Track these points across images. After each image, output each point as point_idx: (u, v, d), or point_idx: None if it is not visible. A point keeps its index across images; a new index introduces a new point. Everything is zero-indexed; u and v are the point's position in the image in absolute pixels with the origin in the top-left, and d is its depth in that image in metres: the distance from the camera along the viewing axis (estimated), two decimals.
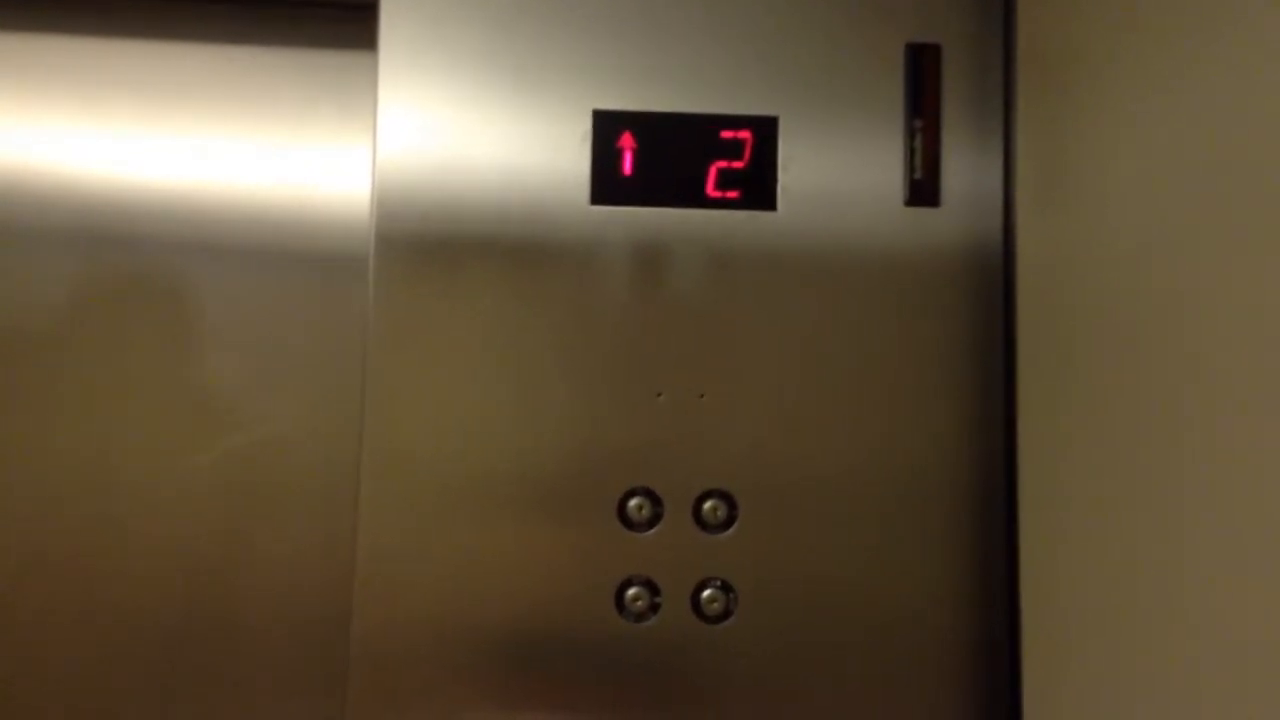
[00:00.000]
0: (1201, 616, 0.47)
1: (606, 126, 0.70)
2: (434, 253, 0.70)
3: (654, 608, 0.68)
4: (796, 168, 0.70)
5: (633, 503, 0.69)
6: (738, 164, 0.70)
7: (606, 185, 0.70)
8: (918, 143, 0.71)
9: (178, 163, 0.79)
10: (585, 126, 0.71)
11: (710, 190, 0.70)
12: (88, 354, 0.78)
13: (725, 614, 0.68)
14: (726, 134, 0.70)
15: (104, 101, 0.79)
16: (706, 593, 0.68)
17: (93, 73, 0.79)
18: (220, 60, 0.79)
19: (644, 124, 0.70)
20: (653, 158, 0.70)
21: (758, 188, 0.70)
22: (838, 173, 0.71)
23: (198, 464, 0.77)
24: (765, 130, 0.70)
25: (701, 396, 0.69)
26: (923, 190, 0.71)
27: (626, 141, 0.70)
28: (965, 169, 0.71)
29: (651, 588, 0.68)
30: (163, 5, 0.79)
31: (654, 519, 0.69)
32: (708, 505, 0.69)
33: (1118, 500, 0.55)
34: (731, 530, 0.69)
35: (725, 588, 0.68)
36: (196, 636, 0.76)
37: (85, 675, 0.76)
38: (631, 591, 0.68)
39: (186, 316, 0.78)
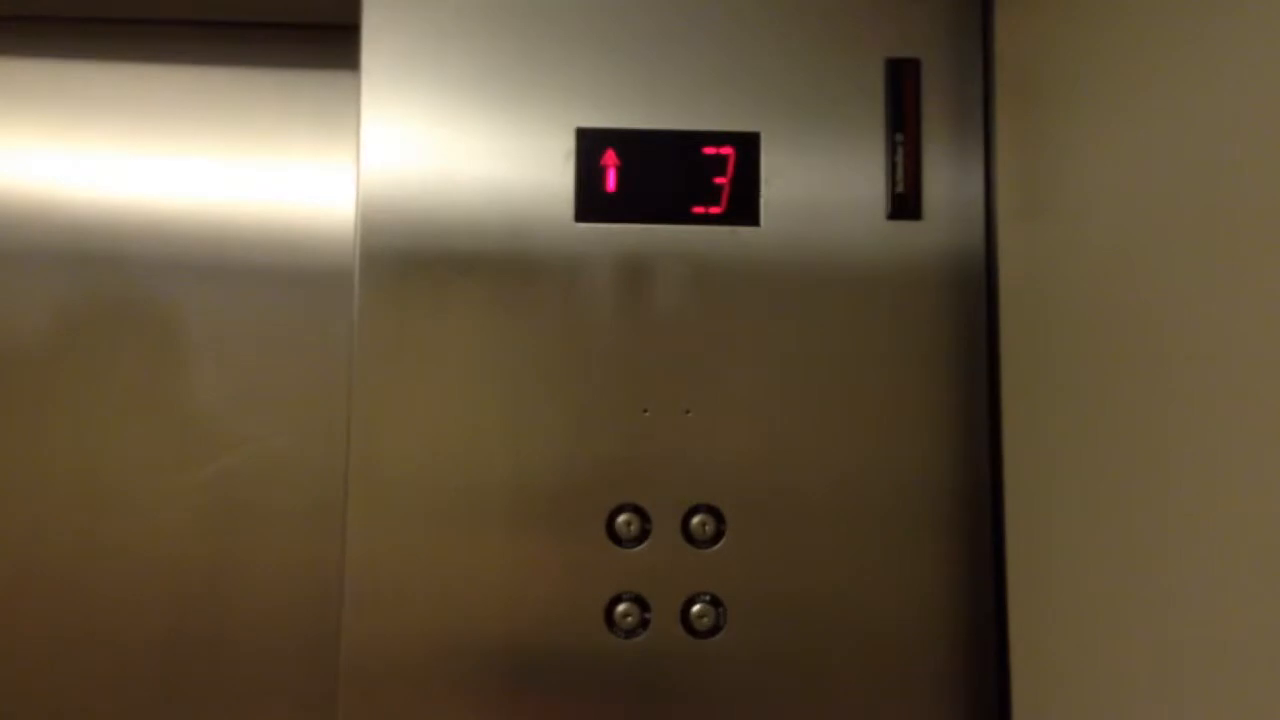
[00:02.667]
0: (1189, 622, 0.48)
1: (590, 144, 0.71)
2: (419, 270, 0.70)
3: (644, 623, 0.68)
4: (779, 183, 0.71)
5: (621, 519, 0.69)
6: (721, 180, 0.71)
7: (590, 202, 0.70)
8: (899, 156, 0.71)
9: (162, 183, 0.78)
10: (569, 144, 0.71)
11: (693, 206, 0.70)
12: (73, 374, 0.77)
13: (715, 629, 0.68)
14: (709, 150, 0.71)
15: (88, 123, 0.79)
16: (696, 608, 0.68)
17: (76, 95, 0.79)
18: (203, 81, 0.79)
19: (627, 141, 0.71)
20: (636, 174, 0.71)
21: (741, 203, 0.71)
22: (820, 187, 0.71)
23: (185, 482, 0.77)
24: (747, 146, 0.71)
25: (688, 412, 0.69)
26: (905, 203, 0.71)
27: (610, 159, 0.71)
28: (946, 182, 0.71)
29: (641, 603, 0.68)
30: (145, 27, 0.79)
31: (642, 535, 0.69)
32: (696, 520, 0.69)
33: (1103, 508, 0.55)
34: (720, 545, 0.69)
35: (714, 602, 0.68)
36: (185, 653, 0.76)
37: (74, 693, 0.75)
38: (621, 607, 0.68)
39: (172, 336, 0.78)
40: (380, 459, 0.68)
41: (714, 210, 0.70)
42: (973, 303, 0.71)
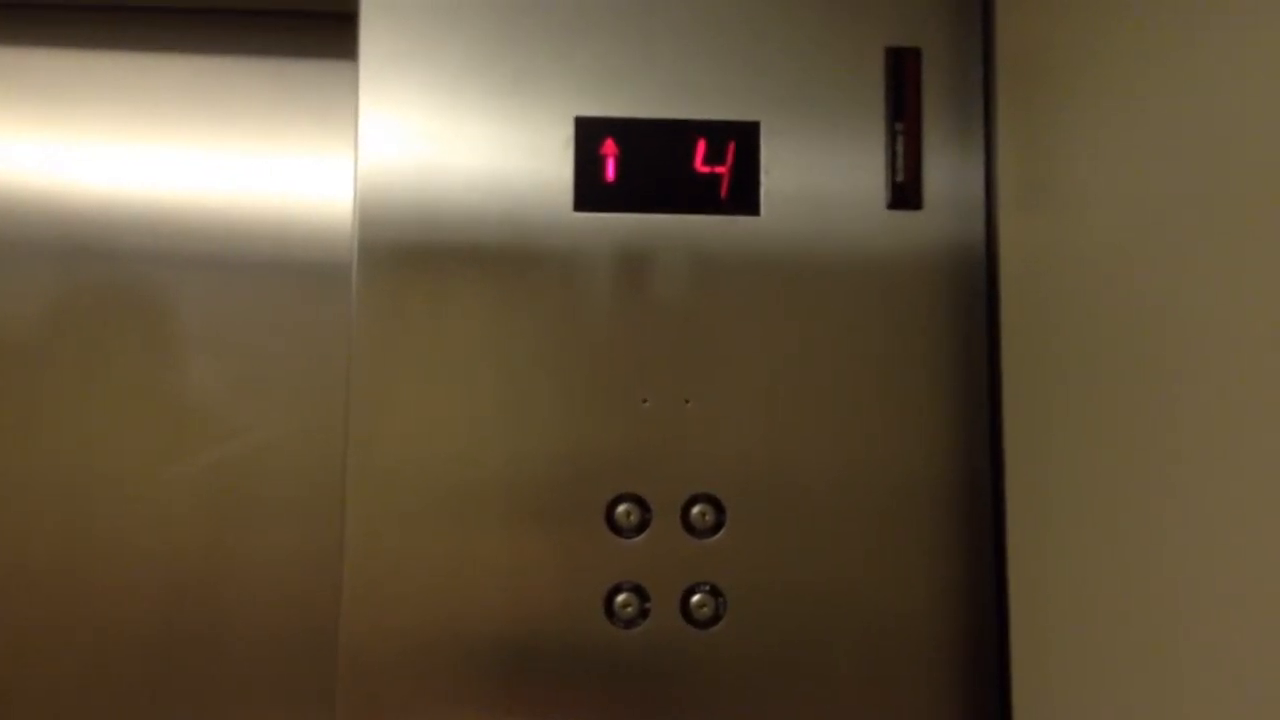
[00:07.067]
0: (1190, 620, 0.48)
1: (589, 133, 0.70)
2: (417, 261, 0.70)
3: (643, 613, 0.68)
4: (779, 172, 0.71)
5: (620, 509, 0.68)
6: (720, 169, 0.70)
7: (589, 192, 0.70)
8: (899, 146, 0.71)
9: (159, 174, 0.78)
10: (567, 133, 0.70)
11: (693, 196, 0.70)
12: (70, 366, 0.77)
13: (714, 619, 0.68)
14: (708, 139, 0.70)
15: (83, 113, 0.78)
16: (695, 598, 0.68)
17: (71, 84, 0.79)
18: (200, 70, 0.79)
19: (626, 130, 0.70)
20: (635, 164, 0.70)
21: (740, 193, 0.70)
22: (820, 177, 0.71)
23: (182, 475, 0.76)
24: (747, 135, 0.71)
25: (687, 402, 0.69)
26: (905, 193, 0.71)
27: (609, 148, 0.70)
28: (947, 172, 0.71)
29: (640, 593, 0.68)
30: (141, 16, 0.79)
31: (642, 525, 0.69)
32: (696, 510, 0.69)
33: (1105, 502, 0.55)
34: (720, 535, 0.69)
35: (714, 592, 0.68)
36: (182, 648, 0.75)
37: (69, 687, 0.75)
38: (620, 598, 0.68)
39: (169, 328, 0.78)
40: (379, 451, 0.68)
41: (713, 200, 0.70)
42: (974, 292, 0.70)
